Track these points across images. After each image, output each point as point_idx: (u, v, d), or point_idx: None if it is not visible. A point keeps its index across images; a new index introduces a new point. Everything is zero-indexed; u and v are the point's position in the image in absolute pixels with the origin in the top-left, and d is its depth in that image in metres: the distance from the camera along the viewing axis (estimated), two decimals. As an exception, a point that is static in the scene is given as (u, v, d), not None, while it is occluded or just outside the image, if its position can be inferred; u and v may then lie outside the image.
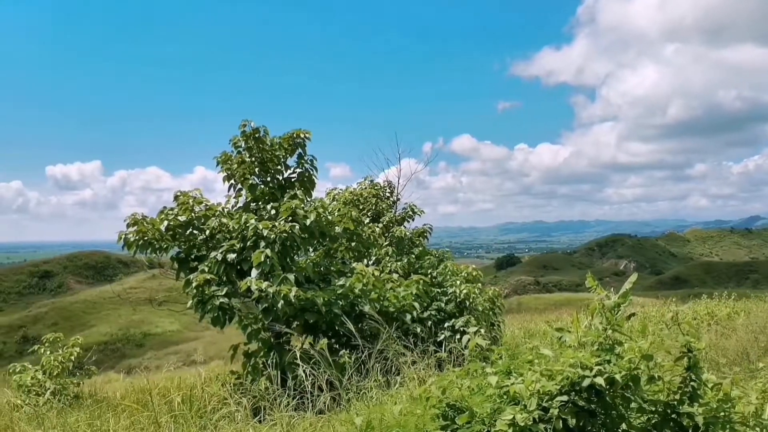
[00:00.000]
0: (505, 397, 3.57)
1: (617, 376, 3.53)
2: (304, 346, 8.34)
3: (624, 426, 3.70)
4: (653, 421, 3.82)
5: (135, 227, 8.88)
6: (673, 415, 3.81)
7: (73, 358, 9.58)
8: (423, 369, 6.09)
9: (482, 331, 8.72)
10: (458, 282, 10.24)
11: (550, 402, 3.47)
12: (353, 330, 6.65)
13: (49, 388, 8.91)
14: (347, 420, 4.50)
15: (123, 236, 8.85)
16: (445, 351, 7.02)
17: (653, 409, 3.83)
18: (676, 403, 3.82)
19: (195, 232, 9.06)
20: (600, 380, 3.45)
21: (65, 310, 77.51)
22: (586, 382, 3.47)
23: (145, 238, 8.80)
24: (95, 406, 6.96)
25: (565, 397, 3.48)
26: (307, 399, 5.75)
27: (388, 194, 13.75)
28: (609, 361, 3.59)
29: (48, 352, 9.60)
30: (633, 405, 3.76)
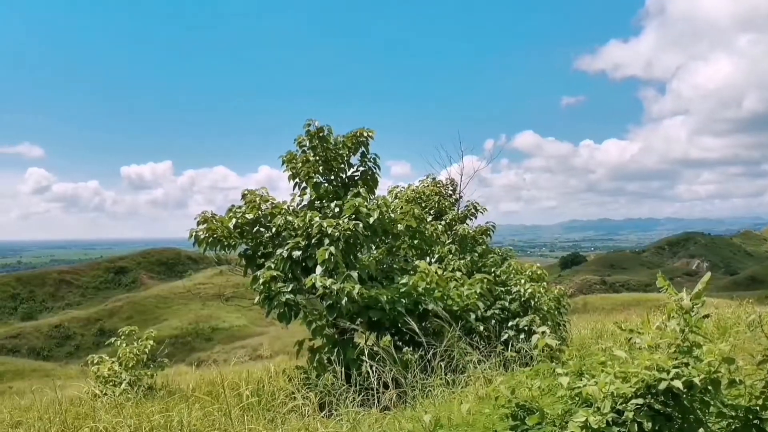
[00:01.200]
0: (576, 398, 3.48)
1: (696, 380, 3.39)
2: (367, 343, 8.39)
3: (702, 431, 3.55)
4: (733, 427, 3.65)
5: (205, 225, 9.12)
6: (755, 421, 3.63)
7: (147, 350, 9.95)
8: (488, 368, 6.01)
9: (547, 331, 8.55)
10: (522, 281, 10.08)
11: (624, 405, 3.36)
12: (416, 328, 6.62)
13: (125, 379, 9.26)
14: (413, 417, 4.48)
15: (194, 233, 9.11)
16: (510, 351, 6.92)
17: (734, 414, 3.66)
18: (758, 408, 3.64)
19: (261, 229, 9.23)
20: (678, 383, 3.31)
21: (139, 305, 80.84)
22: (662, 385, 3.34)
23: (215, 235, 9.03)
24: (168, 397, 7.21)
25: (640, 400, 3.37)
26: (372, 395, 5.77)
27: (450, 192, 13.65)
28: (687, 364, 3.45)
29: (124, 345, 10.00)
30: (712, 409, 3.61)
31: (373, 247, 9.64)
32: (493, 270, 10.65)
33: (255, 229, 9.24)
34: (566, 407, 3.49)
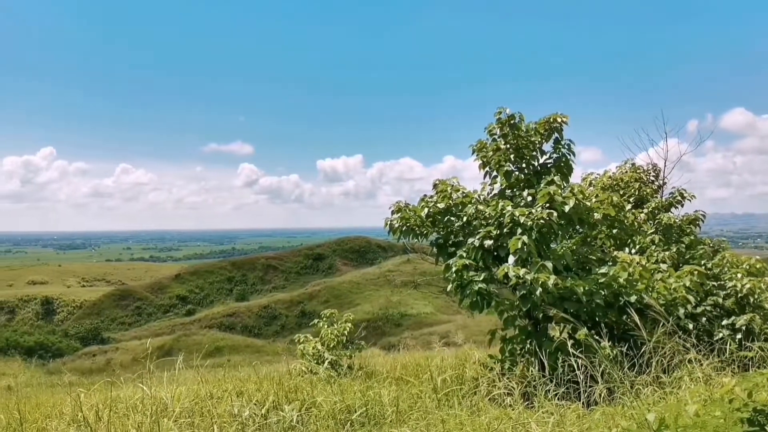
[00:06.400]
0: (829, 408, 3.05)
1: None
2: (562, 336, 8.11)
3: None
4: None
5: (399, 214, 9.44)
6: None
7: (346, 332, 10.62)
8: (707, 368, 5.48)
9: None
10: (739, 275, 9.07)
11: None
12: (637, 320, 6.15)
13: (327, 358, 9.96)
14: (626, 414, 4.24)
15: (389, 222, 9.47)
16: (729, 351, 6.26)
17: None
18: None
19: (452, 218, 9.32)
20: None
21: (335, 289, 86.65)
22: None
23: (408, 224, 9.32)
24: (369, 378, 7.60)
25: None
26: (573, 389, 5.57)
27: (652, 178, 12.69)
28: None
29: (325, 326, 10.76)
30: None
31: (566, 237, 9.28)
32: (703, 262, 9.72)
33: (446, 218, 9.36)
34: (815, 417, 3.07)
